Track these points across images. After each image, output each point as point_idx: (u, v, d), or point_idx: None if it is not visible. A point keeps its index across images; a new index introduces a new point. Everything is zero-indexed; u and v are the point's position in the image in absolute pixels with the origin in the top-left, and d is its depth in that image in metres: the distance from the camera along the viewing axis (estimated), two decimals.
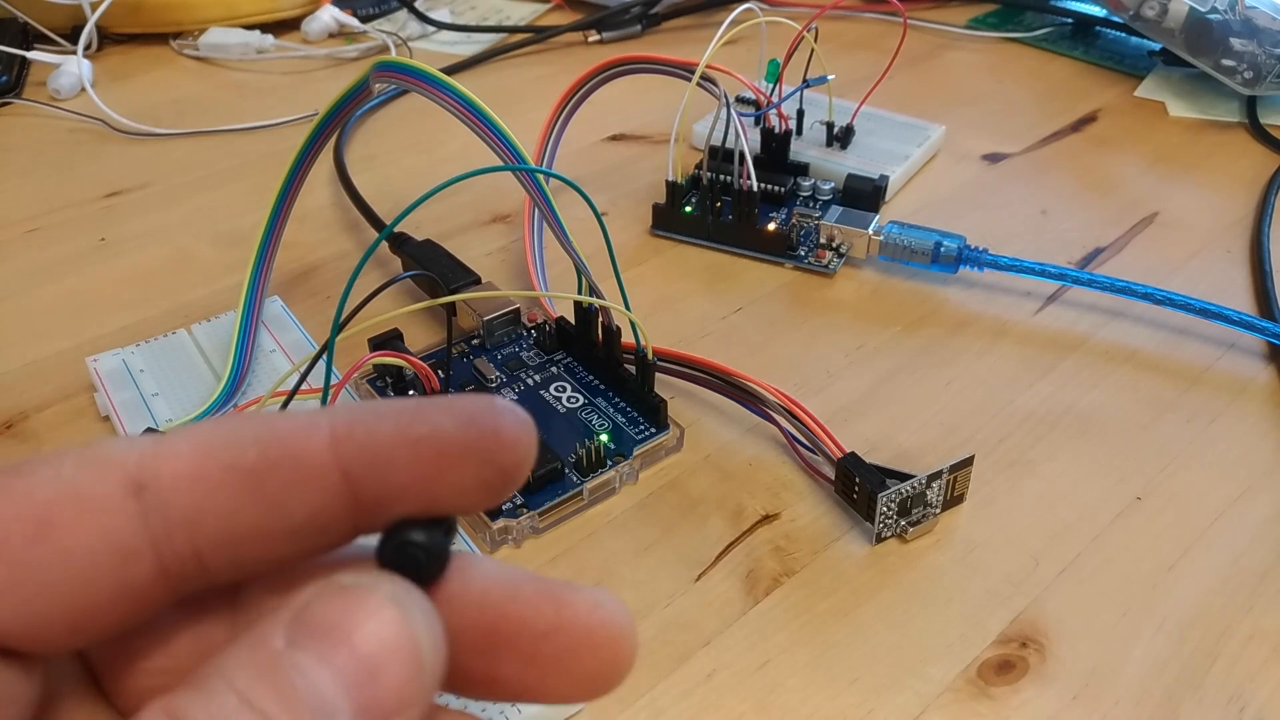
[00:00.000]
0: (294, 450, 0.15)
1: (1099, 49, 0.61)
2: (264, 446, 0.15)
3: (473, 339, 0.36)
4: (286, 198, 0.35)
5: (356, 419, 0.15)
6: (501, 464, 0.16)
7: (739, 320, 0.39)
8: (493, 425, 0.15)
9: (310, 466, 0.15)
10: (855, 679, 0.26)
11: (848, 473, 0.30)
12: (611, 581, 0.29)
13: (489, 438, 0.15)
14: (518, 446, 0.16)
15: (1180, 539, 0.30)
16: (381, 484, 0.15)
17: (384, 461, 0.15)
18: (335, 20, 0.65)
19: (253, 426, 0.15)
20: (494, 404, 0.16)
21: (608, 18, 0.65)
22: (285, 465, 0.15)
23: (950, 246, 0.40)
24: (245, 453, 0.15)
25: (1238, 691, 0.26)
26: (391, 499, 0.15)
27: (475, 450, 0.15)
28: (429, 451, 0.15)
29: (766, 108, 0.45)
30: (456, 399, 0.16)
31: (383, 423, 0.15)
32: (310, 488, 0.15)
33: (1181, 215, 0.46)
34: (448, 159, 0.51)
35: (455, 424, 0.15)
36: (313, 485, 0.15)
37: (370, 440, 0.15)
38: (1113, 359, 0.37)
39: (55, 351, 0.38)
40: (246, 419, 0.16)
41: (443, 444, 0.15)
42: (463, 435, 0.15)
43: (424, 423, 0.15)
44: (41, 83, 0.58)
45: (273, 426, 0.15)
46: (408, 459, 0.15)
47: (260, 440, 0.15)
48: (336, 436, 0.15)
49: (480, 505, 0.16)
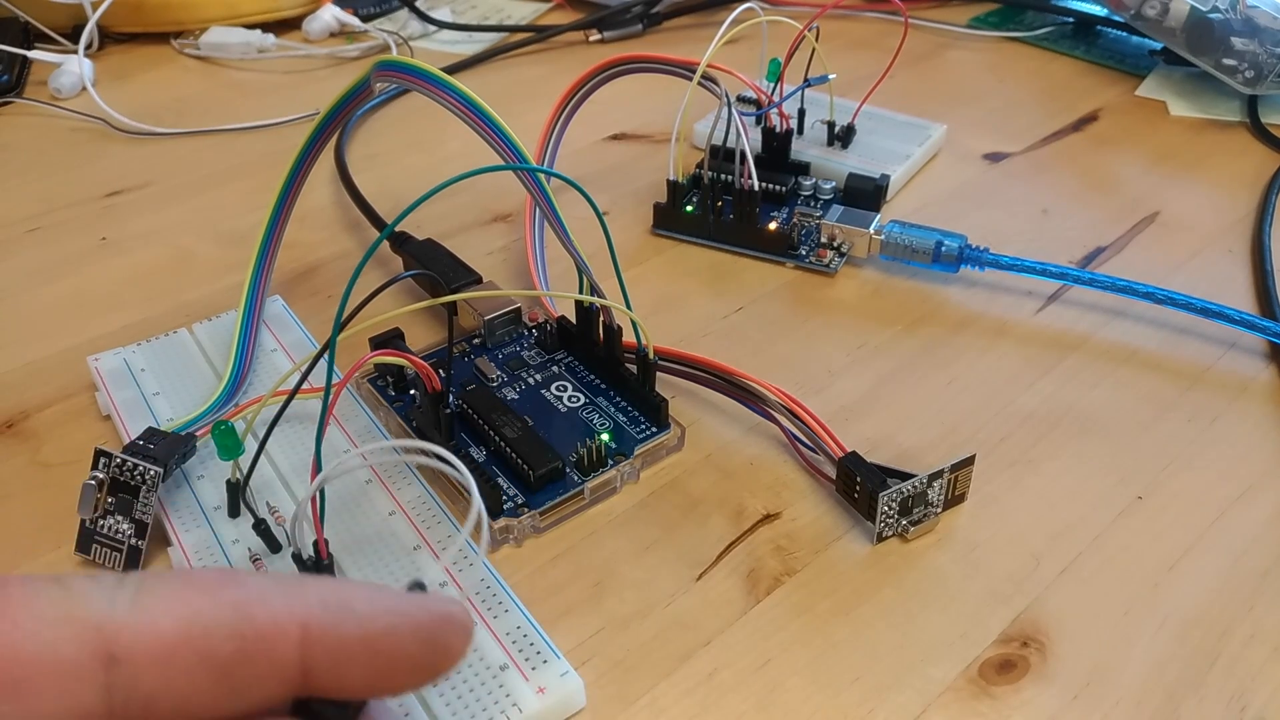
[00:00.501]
0: (266, 649, 0.16)
1: (1100, 48, 0.61)
2: (240, 642, 0.16)
3: (474, 338, 0.36)
4: (288, 197, 0.35)
5: (330, 621, 0.17)
6: (441, 672, 0.18)
7: (740, 320, 0.39)
8: (446, 643, 0.18)
9: (277, 664, 0.16)
10: (856, 678, 0.26)
11: (849, 472, 0.30)
12: (612, 580, 0.29)
13: (439, 654, 0.18)
14: (459, 655, 0.18)
15: (1181, 538, 0.30)
16: (333, 679, 0.17)
17: (345, 667, 0.17)
18: (336, 19, 0.65)
19: (228, 615, 0.16)
20: (453, 623, 0.18)
21: (609, 17, 0.65)
22: (256, 662, 0.16)
23: (951, 246, 0.40)
24: (222, 646, 0.16)
25: (1239, 691, 0.26)
26: (342, 691, 0.17)
27: (425, 669, 0.17)
28: (384, 665, 0.17)
29: (768, 107, 0.45)
30: (424, 605, 0.18)
31: (349, 627, 0.17)
32: (272, 681, 0.16)
33: (1182, 214, 0.46)
34: (449, 158, 0.51)
35: (413, 641, 0.17)
36: (275, 680, 0.16)
37: (338, 645, 0.17)
38: (1114, 358, 0.37)
39: (56, 351, 0.38)
40: (232, 600, 0.17)
41: (398, 659, 0.17)
42: (420, 652, 0.17)
43: (388, 637, 0.17)
44: (42, 82, 0.58)
45: (252, 619, 0.16)
46: (366, 669, 0.17)
47: (237, 635, 0.16)
48: (308, 638, 0.17)
49: (406, 692, 0.18)
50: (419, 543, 0.28)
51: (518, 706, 0.24)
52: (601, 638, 0.27)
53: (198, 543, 0.28)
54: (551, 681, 0.25)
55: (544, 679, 0.25)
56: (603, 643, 0.27)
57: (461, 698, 0.24)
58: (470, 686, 0.25)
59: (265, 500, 0.30)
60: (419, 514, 0.29)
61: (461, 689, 0.25)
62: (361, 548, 0.28)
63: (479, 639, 0.26)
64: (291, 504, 0.30)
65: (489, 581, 0.27)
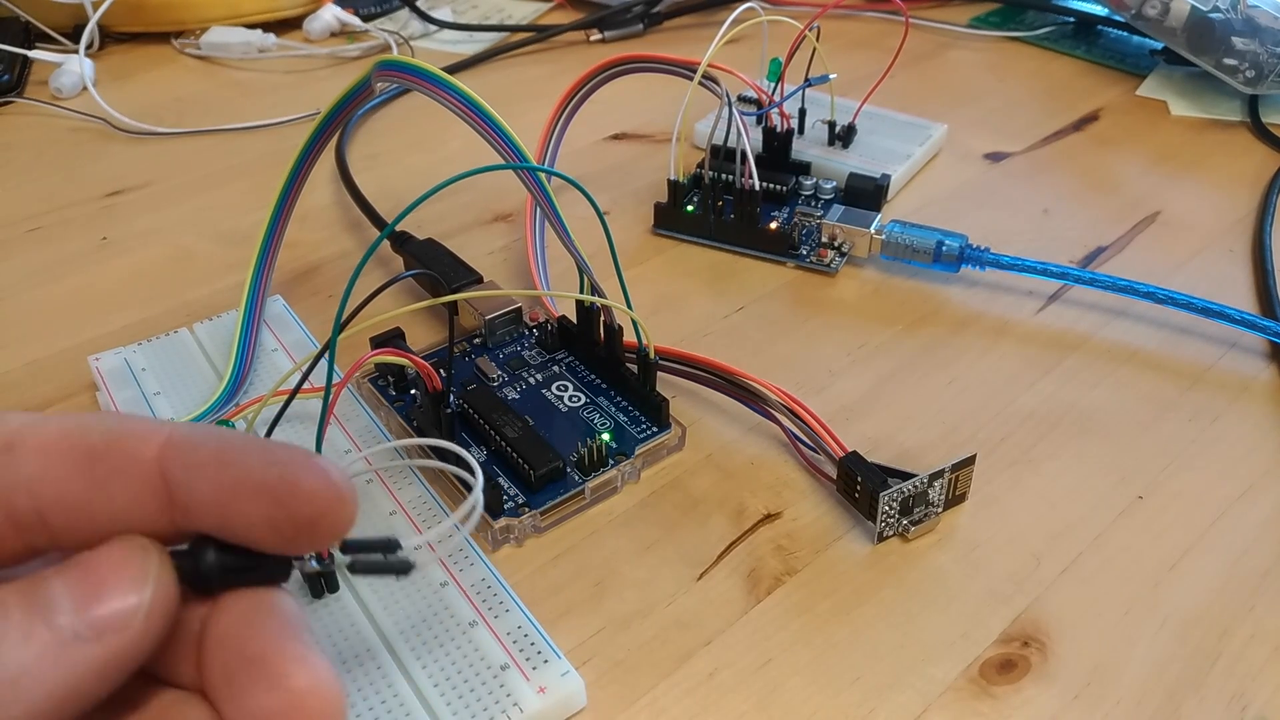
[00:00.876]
0: (128, 445, 0.18)
1: (1101, 48, 0.61)
2: (106, 436, 0.18)
3: (474, 338, 0.36)
4: (288, 197, 0.35)
5: (192, 435, 0.19)
6: (293, 512, 0.18)
7: (741, 319, 0.39)
8: (293, 475, 0.18)
9: (136, 460, 0.18)
10: (857, 678, 0.26)
11: (849, 472, 0.30)
12: (613, 580, 0.29)
13: (285, 484, 0.18)
14: (314, 501, 0.18)
15: (1182, 538, 0.30)
16: (189, 494, 0.18)
17: (195, 476, 0.18)
18: (337, 19, 0.65)
19: (109, 421, 0.19)
20: (309, 461, 0.19)
21: (609, 17, 0.65)
22: (116, 453, 0.18)
23: (952, 245, 0.40)
24: (89, 437, 0.18)
25: (1239, 691, 0.26)
26: (195, 510, 0.18)
27: (268, 491, 0.18)
28: (230, 478, 0.18)
29: (768, 107, 0.45)
30: (287, 449, 0.19)
31: (208, 443, 0.19)
32: (131, 477, 0.18)
33: (1183, 214, 0.46)
34: (450, 158, 0.51)
35: (259, 462, 0.18)
36: (133, 475, 0.18)
37: (192, 454, 0.18)
38: (1114, 358, 0.37)
39: (57, 350, 0.38)
40: (112, 417, 0.20)
41: (242, 475, 0.18)
42: (260, 474, 0.18)
43: (237, 452, 0.18)
44: (43, 82, 0.58)
45: (123, 424, 0.19)
46: (213, 479, 0.18)
47: (106, 432, 0.19)
48: (170, 442, 0.18)
49: (272, 544, 0.19)
50: (420, 542, 0.28)
51: (518, 706, 0.24)
52: (602, 637, 0.27)
53: None
54: (552, 681, 0.25)
55: (545, 678, 0.25)
56: (603, 642, 0.27)
57: (462, 697, 0.24)
58: (471, 686, 0.25)
59: None
60: (420, 513, 0.29)
61: (462, 688, 0.25)
62: None
63: (480, 638, 0.26)
64: None
65: (490, 581, 0.27)
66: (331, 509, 0.18)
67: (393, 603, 0.27)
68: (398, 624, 0.26)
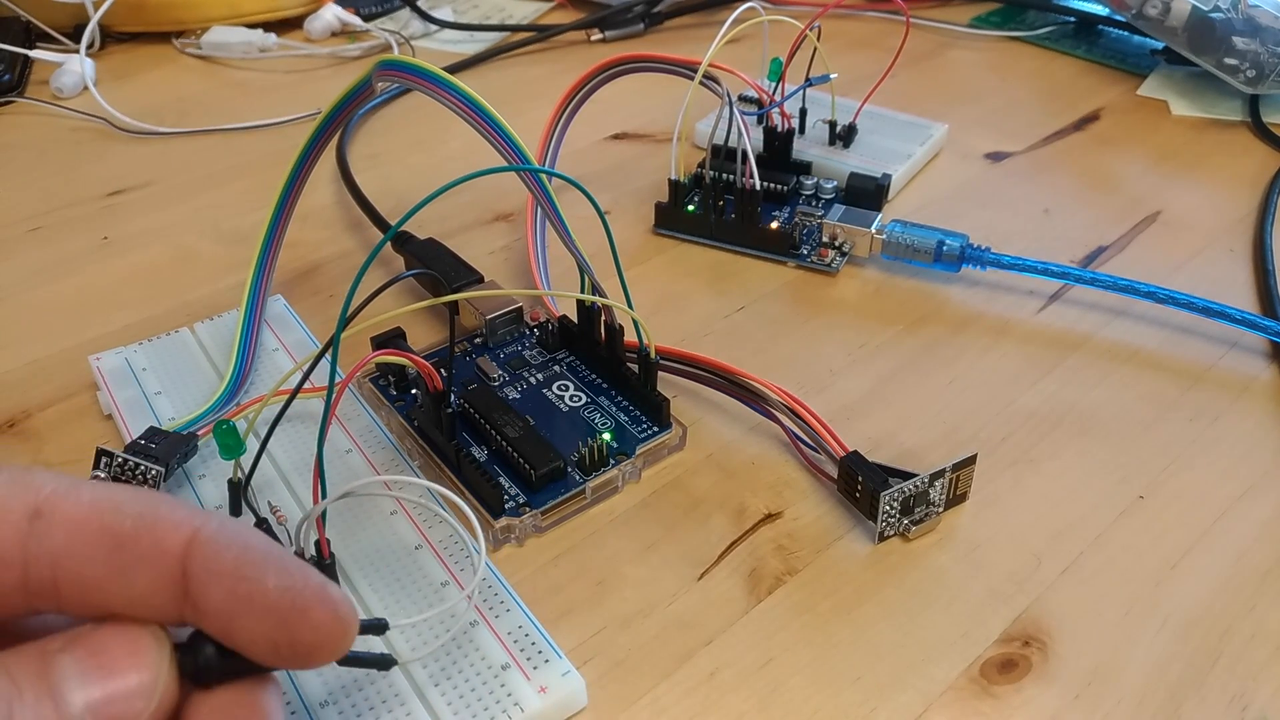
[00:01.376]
0: (157, 534, 0.19)
1: (1101, 48, 0.61)
2: (138, 521, 0.19)
3: (475, 338, 0.36)
4: (289, 196, 0.35)
5: (218, 536, 0.19)
6: (297, 638, 0.19)
7: (741, 319, 0.39)
8: (304, 603, 0.19)
9: (162, 551, 0.19)
10: (858, 678, 0.26)
11: (850, 471, 0.30)
12: (614, 580, 0.29)
13: (295, 611, 0.19)
14: (319, 631, 0.19)
15: (1183, 538, 0.30)
16: (203, 593, 0.19)
17: (213, 580, 0.19)
18: (338, 19, 0.65)
19: (141, 504, 0.19)
20: (322, 591, 0.19)
21: (610, 16, 0.65)
22: (144, 542, 0.19)
23: (953, 245, 0.40)
24: (122, 520, 0.19)
25: (1240, 690, 0.26)
26: (203, 613, 0.19)
27: (278, 614, 0.19)
28: (244, 591, 0.19)
29: (769, 106, 0.45)
30: (303, 571, 0.19)
31: (232, 549, 0.19)
32: (154, 567, 0.19)
33: (1184, 214, 0.46)
34: (450, 158, 0.51)
35: (275, 584, 0.19)
36: (157, 566, 0.19)
37: (215, 559, 0.19)
38: (1115, 358, 0.37)
39: (58, 350, 0.38)
40: (145, 497, 0.19)
41: (256, 592, 0.19)
42: (274, 596, 0.19)
43: (255, 567, 0.19)
44: (44, 81, 0.58)
45: (156, 509, 0.19)
46: (228, 589, 0.19)
47: (138, 516, 0.19)
48: (196, 540, 0.19)
49: (267, 660, 0.19)
50: (420, 542, 0.28)
51: (519, 706, 0.24)
52: (603, 637, 0.27)
53: None
54: (553, 681, 0.25)
55: (545, 678, 0.25)
56: (604, 642, 0.27)
57: (463, 697, 0.24)
58: (472, 686, 0.25)
59: (267, 500, 0.30)
60: (420, 513, 0.29)
61: (463, 688, 0.25)
62: (363, 547, 0.28)
63: (481, 638, 0.26)
64: (293, 503, 0.30)
65: (490, 581, 0.27)
66: (333, 639, 0.19)
67: (394, 603, 0.27)
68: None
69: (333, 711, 0.24)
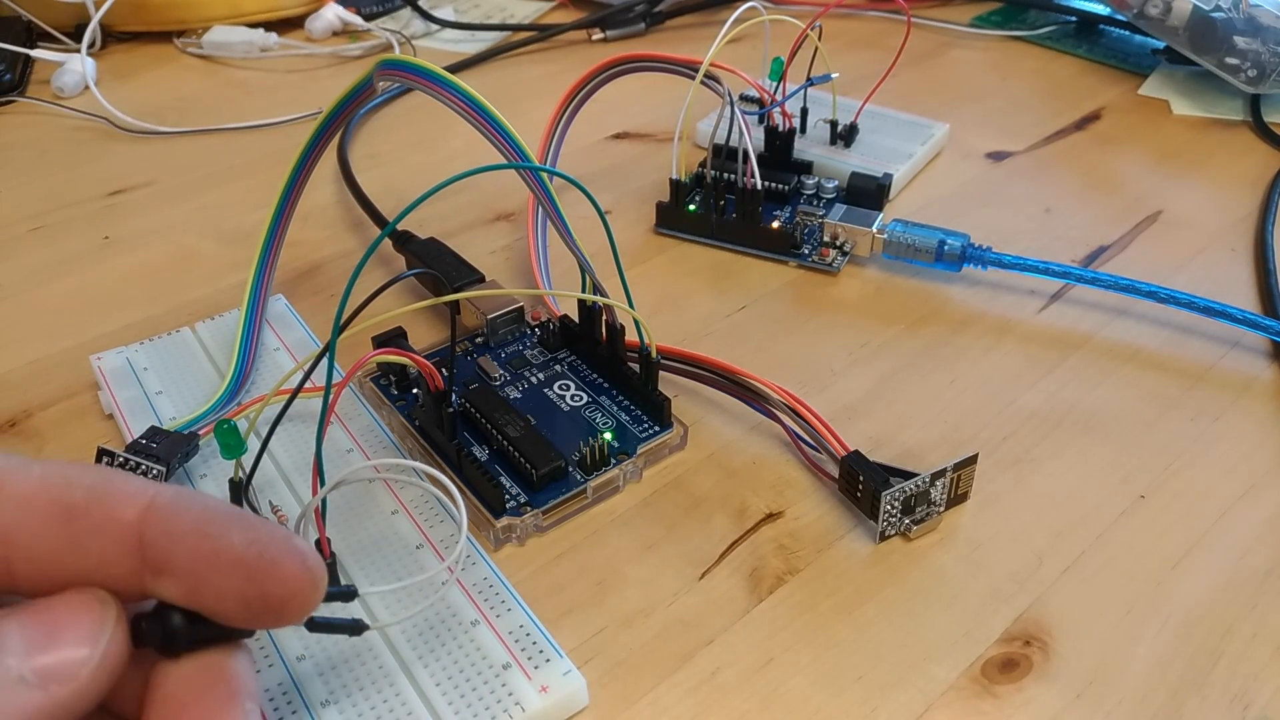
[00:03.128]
0: (110, 504, 0.18)
1: (1103, 47, 0.61)
2: (89, 493, 0.18)
3: (476, 337, 0.36)
4: (290, 196, 0.36)
5: (175, 502, 0.19)
6: (267, 591, 0.18)
7: (743, 318, 0.39)
8: (272, 555, 0.18)
9: (116, 521, 0.18)
10: (859, 677, 0.26)
11: (851, 471, 0.30)
12: (615, 579, 0.29)
13: (263, 563, 0.18)
14: (289, 583, 0.19)
15: (1184, 537, 0.30)
16: (165, 560, 0.18)
17: (175, 543, 0.18)
18: (339, 18, 0.65)
19: (93, 477, 0.19)
20: (288, 543, 0.19)
21: (611, 16, 0.65)
22: (96, 512, 0.18)
23: (954, 245, 0.40)
24: (73, 492, 0.18)
25: (1241, 690, 0.26)
26: (168, 577, 0.18)
27: (245, 567, 0.18)
28: (209, 548, 0.18)
29: (770, 106, 0.45)
30: (268, 527, 0.19)
31: (190, 511, 0.18)
32: (108, 537, 0.18)
33: (1185, 213, 0.46)
34: (452, 157, 0.51)
35: (240, 539, 0.18)
36: (111, 536, 0.18)
37: (174, 521, 0.18)
38: (1116, 357, 0.37)
39: (59, 350, 0.38)
40: (98, 471, 0.19)
41: (222, 548, 0.18)
42: (240, 550, 0.18)
43: (218, 525, 0.18)
44: (45, 81, 0.58)
45: (109, 482, 0.19)
46: (191, 548, 0.18)
47: (90, 488, 0.19)
48: (152, 507, 0.18)
49: (239, 619, 0.19)
50: (421, 541, 0.28)
51: (520, 705, 0.24)
52: (604, 637, 0.27)
53: None
54: (554, 680, 0.25)
55: (546, 678, 0.25)
56: (605, 641, 0.27)
57: (464, 696, 0.24)
58: (473, 685, 0.25)
59: (268, 499, 0.30)
60: (421, 513, 0.29)
61: (464, 687, 0.25)
62: (364, 546, 0.28)
63: (482, 637, 0.26)
64: (294, 503, 0.30)
65: (491, 580, 0.27)
66: (303, 591, 0.19)
67: (395, 602, 0.27)
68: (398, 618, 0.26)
69: (334, 711, 0.24)
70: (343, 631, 0.23)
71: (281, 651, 0.25)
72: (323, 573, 0.19)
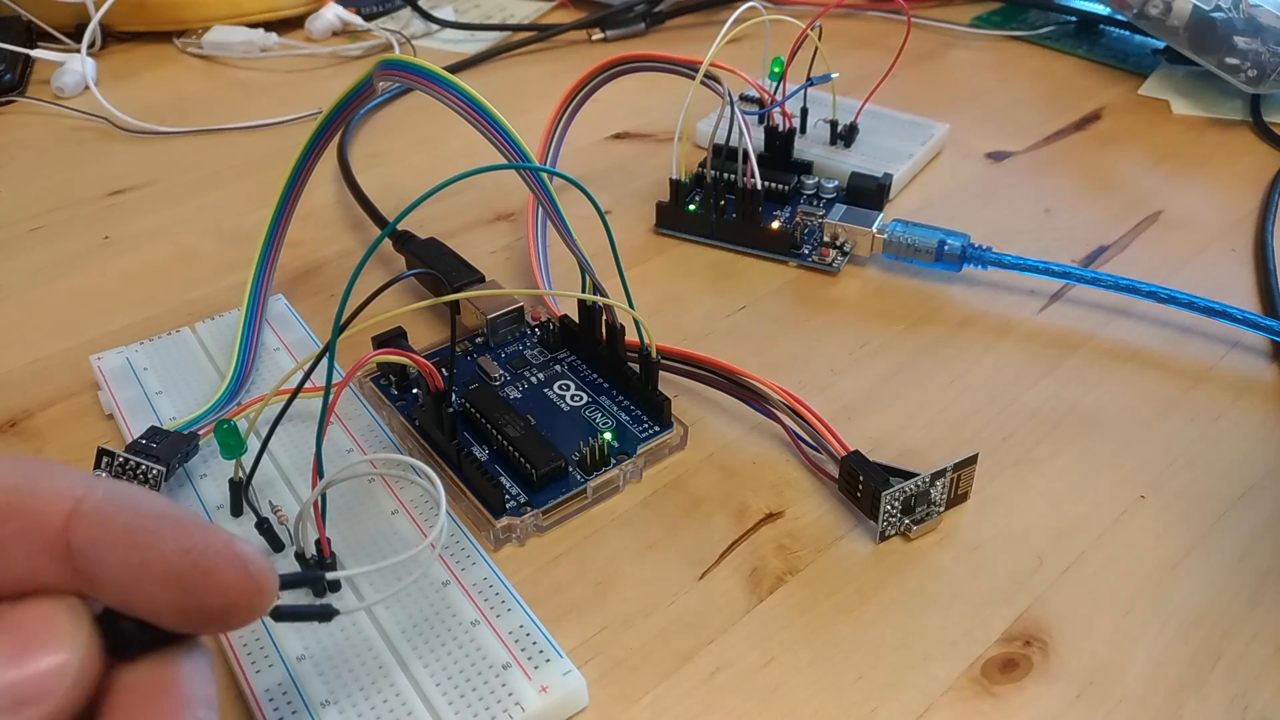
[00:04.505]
0: (32, 509, 0.17)
1: (1103, 47, 0.61)
2: (11, 496, 0.17)
3: (476, 337, 0.36)
4: (290, 196, 0.36)
5: (104, 506, 0.17)
6: (205, 603, 0.17)
7: (743, 318, 0.39)
8: (208, 565, 0.17)
9: (39, 528, 0.17)
10: (859, 677, 0.26)
11: (851, 471, 0.30)
12: (615, 579, 0.29)
13: (198, 574, 0.17)
14: (229, 593, 0.17)
15: (1184, 537, 0.30)
16: (95, 569, 0.17)
17: (103, 552, 0.17)
18: (339, 18, 0.65)
19: (15, 475, 0.17)
20: (227, 549, 0.17)
21: (611, 16, 0.65)
22: (17, 519, 0.17)
23: (954, 245, 0.40)
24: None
25: (1241, 690, 0.26)
26: (100, 586, 0.17)
27: (178, 579, 0.17)
28: (138, 560, 0.17)
29: (770, 106, 0.45)
30: (205, 531, 0.17)
31: (120, 517, 0.17)
32: (32, 544, 0.17)
33: (1185, 213, 0.46)
34: (452, 157, 0.51)
35: (173, 548, 0.17)
36: (35, 543, 0.17)
37: (101, 529, 0.17)
38: (1116, 357, 0.37)
39: (59, 349, 0.38)
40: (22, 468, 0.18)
41: (152, 559, 0.17)
42: (173, 561, 0.17)
43: (149, 533, 0.17)
44: (45, 81, 0.58)
45: (32, 482, 0.17)
46: (120, 559, 0.17)
47: (12, 490, 0.17)
48: (78, 512, 0.17)
49: (179, 628, 0.18)
50: (422, 542, 0.28)
51: (520, 705, 0.24)
52: (604, 637, 0.27)
53: None
54: (554, 680, 0.25)
55: (546, 678, 0.25)
56: (605, 642, 0.27)
57: (464, 696, 0.24)
58: (473, 685, 0.25)
59: (268, 499, 0.30)
60: (422, 513, 0.29)
61: (464, 687, 0.25)
62: (364, 546, 0.28)
63: (482, 637, 0.26)
64: (294, 503, 0.30)
65: (491, 580, 0.27)
66: (246, 599, 0.18)
67: (395, 602, 0.27)
68: (399, 623, 0.26)
69: (334, 710, 0.24)
70: (311, 619, 0.22)
71: (281, 651, 0.25)
72: (269, 577, 0.18)
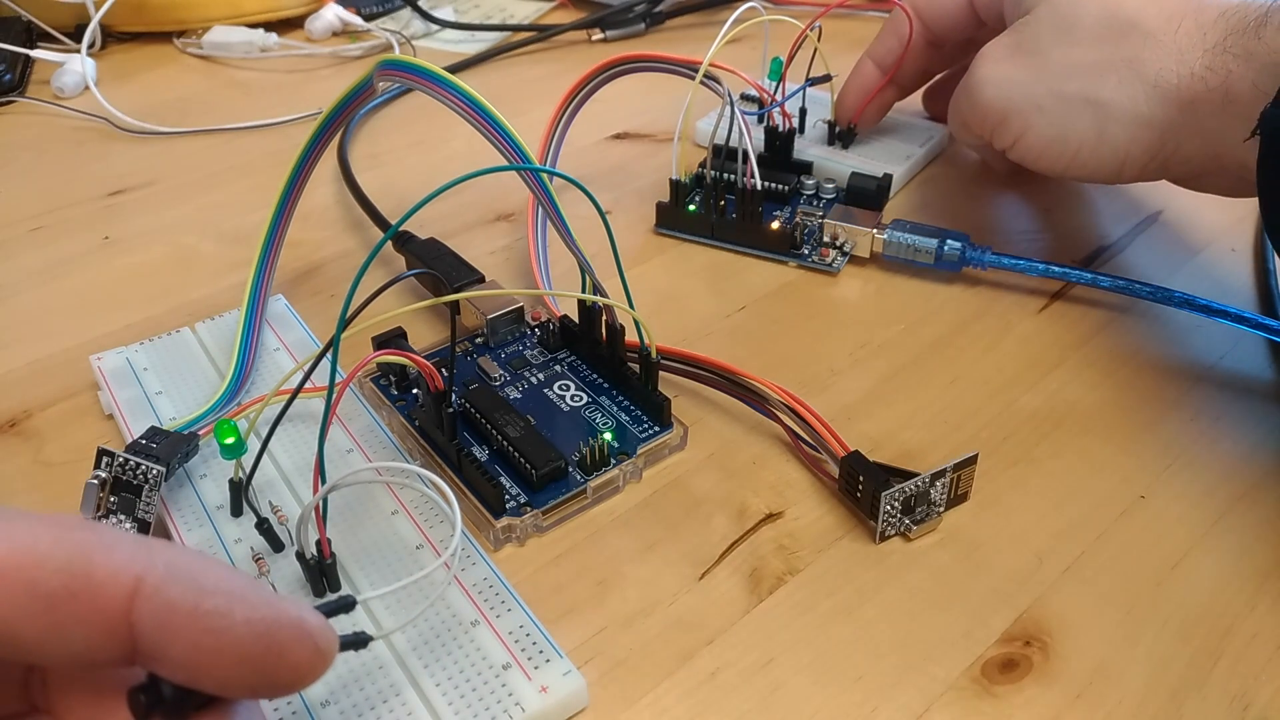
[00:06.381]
0: (91, 591, 0.16)
1: None
2: (68, 579, 0.16)
3: (476, 337, 0.36)
4: (290, 196, 0.36)
5: (166, 584, 0.17)
6: (274, 679, 0.17)
7: (743, 319, 0.39)
8: (280, 645, 0.17)
9: (103, 611, 0.16)
10: (859, 677, 0.26)
11: (851, 471, 0.30)
12: (615, 579, 0.29)
13: (271, 654, 0.17)
14: (299, 669, 0.17)
15: (1184, 537, 0.30)
16: (160, 651, 0.17)
17: (170, 636, 0.17)
18: (339, 18, 0.65)
19: (68, 551, 0.17)
20: (300, 626, 0.17)
21: (611, 16, 0.65)
22: (80, 602, 0.16)
23: (954, 246, 0.40)
24: (49, 579, 0.16)
25: (1241, 690, 0.26)
26: (166, 666, 0.17)
27: (252, 661, 0.17)
28: (210, 644, 0.17)
29: (770, 106, 0.45)
30: (272, 605, 0.17)
31: (186, 597, 0.17)
32: (94, 627, 0.16)
33: (1185, 213, 0.46)
34: (451, 157, 0.51)
35: (245, 631, 0.17)
36: (97, 626, 0.16)
37: (167, 613, 0.17)
38: (1116, 357, 0.37)
39: (59, 350, 0.38)
40: (76, 541, 0.17)
41: (224, 643, 0.17)
42: (247, 644, 0.17)
43: (219, 617, 0.17)
44: (45, 81, 0.58)
45: (89, 561, 0.17)
46: (190, 642, 0.17)
47: (67, 571, 0.16)
48: (142, 593, 0.17)
49: (242, 697, 0.18)
50: (421, 542, 0.28)
51: (520, 705, 0.24)
52: (604, 637, 0.27)
53: (200, 542, 0.28)
54: (554, 680, 0.25)
55: (546, 678, 0.25)
56: (605, 642, 0.27)
57: (464, 696, 0.24)
58: (473, 685, 0.25)
59: (268, 499, 0.30)
60: (421, 513, 0.29)
61: (464, 688, 0.25)
62: (365, 547, 0.28)
63: (482, 637, 0.26)
64: (294, 503, 0.30)
65: (491, 580, 0.27)
66: (314, 671, 0.18)
67: (395, 602, 0.27)
68: (399, 623, 0.26)
69: (334, 711, 0.24)
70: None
71: None
72: (333, 643, 0.18)
